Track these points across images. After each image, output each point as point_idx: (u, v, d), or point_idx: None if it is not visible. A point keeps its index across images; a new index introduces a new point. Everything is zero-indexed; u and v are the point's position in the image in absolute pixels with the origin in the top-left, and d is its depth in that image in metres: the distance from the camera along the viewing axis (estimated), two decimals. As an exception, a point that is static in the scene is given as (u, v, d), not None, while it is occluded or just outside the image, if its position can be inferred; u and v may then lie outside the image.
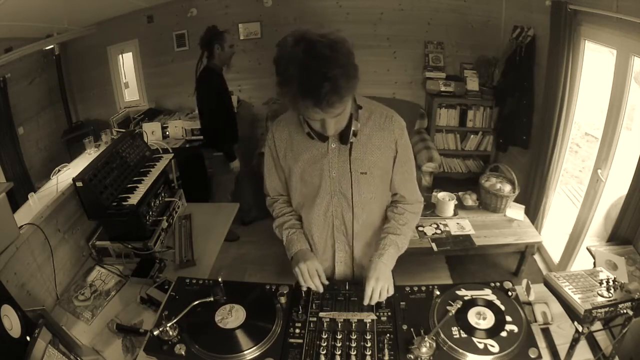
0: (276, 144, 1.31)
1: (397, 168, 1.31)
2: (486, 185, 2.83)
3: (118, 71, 4.20)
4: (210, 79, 2.76)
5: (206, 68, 2.77)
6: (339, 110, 1.04)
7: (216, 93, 2.79)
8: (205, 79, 2.76)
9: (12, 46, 3.11)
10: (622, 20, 1.98)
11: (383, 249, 1.30)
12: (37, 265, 1.60)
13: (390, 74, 4.06)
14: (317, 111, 1.01)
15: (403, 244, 1.34)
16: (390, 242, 1.31)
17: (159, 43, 4.04)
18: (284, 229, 1.39)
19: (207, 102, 2.81)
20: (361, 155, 1.25)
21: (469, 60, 3.88)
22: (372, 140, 1.25)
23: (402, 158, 1.30)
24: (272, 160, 1.36)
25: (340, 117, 1.10)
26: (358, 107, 1.23)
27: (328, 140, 1.22)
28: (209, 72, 2.76)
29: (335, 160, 1.25)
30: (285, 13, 3.87)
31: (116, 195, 1.81)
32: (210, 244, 1.96)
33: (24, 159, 3.51)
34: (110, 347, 1.46)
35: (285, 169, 1.34)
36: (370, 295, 1.21)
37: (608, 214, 2.40)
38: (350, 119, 1.17)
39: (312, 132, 1.17)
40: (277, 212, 1.44)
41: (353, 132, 1.18)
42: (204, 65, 2.77)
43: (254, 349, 1.11)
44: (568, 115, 2.63)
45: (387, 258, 1.28)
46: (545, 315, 1.24)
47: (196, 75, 2.79)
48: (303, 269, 1.26)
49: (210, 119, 2.87)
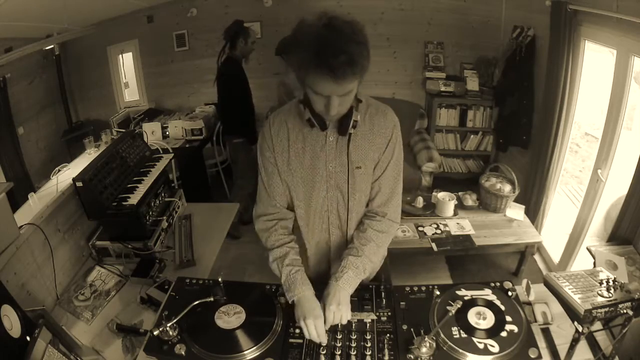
0: (274, 139, 1.26)
1: (380, 162, 1.26)
2: (486, 185, 2.83)
3: (118, 71, 4.20)
4: (234, 67, 2.93)
5: (229, 58, 2.93)
6: (350, 86, 1.05)
7: (239, 81, 2.95)
8: (230, 67, 2.92)
9: (12, 46, 3.12)
10: (622, 20, 1.98)
11: (341, 271, 1.22)
12: (37, 265, 1.60)
13: (390, 74, 4.06)
14: (327, 80, 1.01)
15: (365, 265, 1.24)
16: (350, 265, 1.23)
17: (159, 43, 4.05)
18: (284, 265, 1.24)
19: (231, 90, 2.97)
20: (357, 149, 1.24)
21: (469, 60, 3.88)
22: (368, 135, 1.24)
23: (388, 154, 1.25)
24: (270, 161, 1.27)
25: (346, 99, 1.10)
26: (358, 100, 1.22)
27: (327, 131, 1.21)
28: (232, 62, 2.93)
29: (332, 153, 1.24)
30: (285, 13, 3.87)
31: (116, 195, 1.81)
32: (210, 244, 1.96)
33: (24, 159, 3.51)
34: (110, 347, 1.46)
35: (281, 165, 1.27)
36: (331, 320, 1.15)
37: (608, 214, 2.40)
38: (351, 109, 1.16)
39: (313, 119, 1.16)
40: (274, 242, 1.29)
41: (353, 122, 1.17)
42: (227, 55, 2.93)
43: (254, 349, 1.11)
44: (568, 115, 2.63)
45: (345, 281, 1.20)
46: (545, 315, 1.24)
47: (218, 65, 2.95)
48: (310, 327, 1.13)
49: (234, 106, 3.01)
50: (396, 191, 1.31)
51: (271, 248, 1.29)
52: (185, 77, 4.11)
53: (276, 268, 1.26)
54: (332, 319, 1.15)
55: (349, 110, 1.16)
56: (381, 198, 1.30)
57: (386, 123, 1.24)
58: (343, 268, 1.23)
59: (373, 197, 1.32)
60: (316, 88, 1.06)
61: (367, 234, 1.28)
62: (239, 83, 2.96)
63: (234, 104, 3.00)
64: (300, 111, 1.20)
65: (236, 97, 2.98)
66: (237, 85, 2.96)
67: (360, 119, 1.21)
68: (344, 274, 1.21)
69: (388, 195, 1.30)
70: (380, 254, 1.32)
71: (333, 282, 1.21)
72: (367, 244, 1.27)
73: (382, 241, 1.30)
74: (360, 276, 1.24)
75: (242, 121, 3.06)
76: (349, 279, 1.21)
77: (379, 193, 1.30)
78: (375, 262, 1.30)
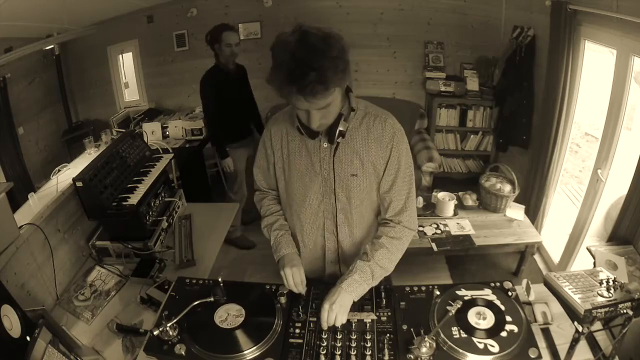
0: (272, 139, 1.31)
1: (386, 174, 1.26)
2: (486, 185, 2.83)
3: (118, 71, 4.19)
4: (211, 78, 2.77)
5: (212, 67, 2.80)
6: (323, 102, 1.05)
7: (215, 92, 2.77)
8: (206, 78, 2.78)
9: (12, 46, 3.11)
10: (622, 20, 1.98)
11: (347, 274, 1.22)
12: (37, 265, 1.60)
13: (390, 74, 4.06)
14: (300, 99, 1.02)
15: (374, 270, 1.23)
16: (357, 269, 1.23)
17: (159, 43, 4.04)
18: (272, 229, 1.37)
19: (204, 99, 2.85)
20: (351, 157, 1.24)
21: (469, 60, 3.88)
22: (364, 143, 1.23)
23: (393, 164, 1.24)
24: (266, 156, 1.36)
25: (327, 112, 1.10)
26: (351, 109, 1.22)
27: (320, 138, 1.22)
28: (211, 71, 2.79)
29: (326, 160, 1.25)
30: (285, 13, 3.87)
31: (116, 195, 1.81)
32: (210, 244, 1.96)
33: (24, 159, 3.51)
34: (110, 347, 1.46)
35: (278, 165, 1.33)
36: (325, 318, 1.15)
37: (608, 214, 2.40)
38: (340, 118, 1.16)
39: (301, 127, 1.18)
40: (265, 211, 1.42)
41: (340, 132, 1.17)
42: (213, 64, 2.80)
43: (254, 349, 1.11)
44: (568, 115, 2.63)
45: (349, 284, 1.19)
46: (545, 315, 1.24)
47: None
48: (288, 275, 1.25)
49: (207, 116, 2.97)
50: (409, 200, 1.30)
51: (263, 216, 1.42)
52: (186, 77, 4.10)
53: (266, 233, 1.40)
54: (325, 318, 1.15)
55: (338, 118, 1.16)
56: (394, 209, 1.30)
57: (384, 131, 1.22)
58: (350, 271, 1.24)
59: (386, 208, 1.32)
60: (293, 104, 1.08)
61: (381, 240, 1.28)
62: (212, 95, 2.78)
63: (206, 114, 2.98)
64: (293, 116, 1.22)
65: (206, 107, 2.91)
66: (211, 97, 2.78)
67: (354, 127, 1.21)
68: (348, 277, 1.22)
69: (401, 206, 1.29)
70: (393, 260, 1.29)
71: (337, 284, 1.22)
72: (378, 249, 1.26)
73: (395, 248, 1.28)
74: (367, 281, 1.22)
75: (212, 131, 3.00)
76: (354, 282, 1.21)
77: (391, 204, 1.29)
78: (387, 268, 1.27)
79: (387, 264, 1.27)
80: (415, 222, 1.33)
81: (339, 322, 1.16)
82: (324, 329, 1.16)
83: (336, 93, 1.08)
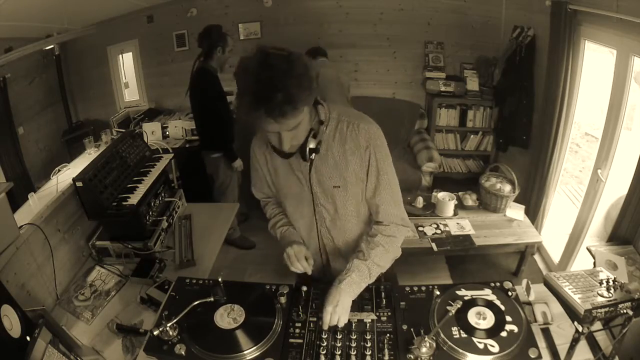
0: (258, 160, 1.34)
1: (369, 180, 1.25)
2: (486, 185, 2.83)
3: (118, 71, 4.20)
4: (206, 80, 2.69)
5: (201, 69, 2.68)
6: (293, 122, 1.03)
7: (213, 95, 2.72)
8: (201, 81, 2.70)
9: (12, 46, 3.11)
10: (622, 20, 1.98)
11: (345, 273, 1.23)
12: (37, 265, 1.60)
13: (390, 74, 4.05)
14: (270, 121, 1.00)
15: (372, 269, 1.24)
16: (354, 268, 1.23)
17: (159, 43, 4.04)
18: (277, 227, 1.42)
19: (204, 104, 2.76)
20: (331, 169, 1.23)
21: (469, 60, 3.88)
22: (341, 152, 1.21)
23: (373, 170, 1.23)
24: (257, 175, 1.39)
25: (297, 132, 1.08)
26: (320, 122, 1.19)
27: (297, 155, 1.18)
28: (203, 74, 2.68)
29: (307, 175, 1.25)
30: (285, 13, 3.87)
31: (116, 195, 1.81)
32: (210, 244, 1.96)
33: (24, 159, 3.51)
34: (110, 347, 1.46)
35: (268, 181, 1.38)
36: (327, 321, 1.15)
37: (608, 214, 2.40)
38: (309, 135, 1.13)
39: (274, 149, 1.17)
40: (270, 214, 1.47)
41: (311, 150, 1.14)
42: (199, 67, 2.69)
43: (254, 349, 1.11)
44: (568, 115, 2.63)
45: (348, 284, 1.20)
46: (545, 315, 1.24)
47: (191, 75, 2.71)
48: (290, 252, 1.28)
49: (209, 121, 2.81)
50: (396, 203, 1.30)
51: (269, 218, 1.48)
52: (186, 77, 4.04)
53: (273, 232, 1.45)
54: (328, 320, 1.16)
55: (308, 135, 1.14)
56: (383, 213, 1.30)
57: (359, 137, 1.19)
58: (347, 270, 1.24)
59: (375, 212, 1.31)
60: (264, 128, 1.06)
61: (376, 238, 1.28)
62: (211, 98, 2.71)
63: (209, 118, 2.79)
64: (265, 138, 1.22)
65: (211, 111, 2.76)
66: (213, 99, 2.72)
67: (329, 138, 1.20)
68: (347, 277, 1.22)
69: (390, 209, 1.29)
70: (389, 258, 1.31)
71: (336, 284, 1.21)
72: (374, 247, 1.27)
73: (390, 245, 1.29)
74: (365, 280, 1.24)
75: (219, 136, 2.84)
76: (352, 282, 1.21)
77: (379, 209, 1.29)
78: (383, 266, 1.29)
79: (384, 261, 1.29)
80: (407, 219, 1.34)
81: (341, 323, 1.17)
82: (324, 329, 1.16)
83: (305, 111, 1.06)
